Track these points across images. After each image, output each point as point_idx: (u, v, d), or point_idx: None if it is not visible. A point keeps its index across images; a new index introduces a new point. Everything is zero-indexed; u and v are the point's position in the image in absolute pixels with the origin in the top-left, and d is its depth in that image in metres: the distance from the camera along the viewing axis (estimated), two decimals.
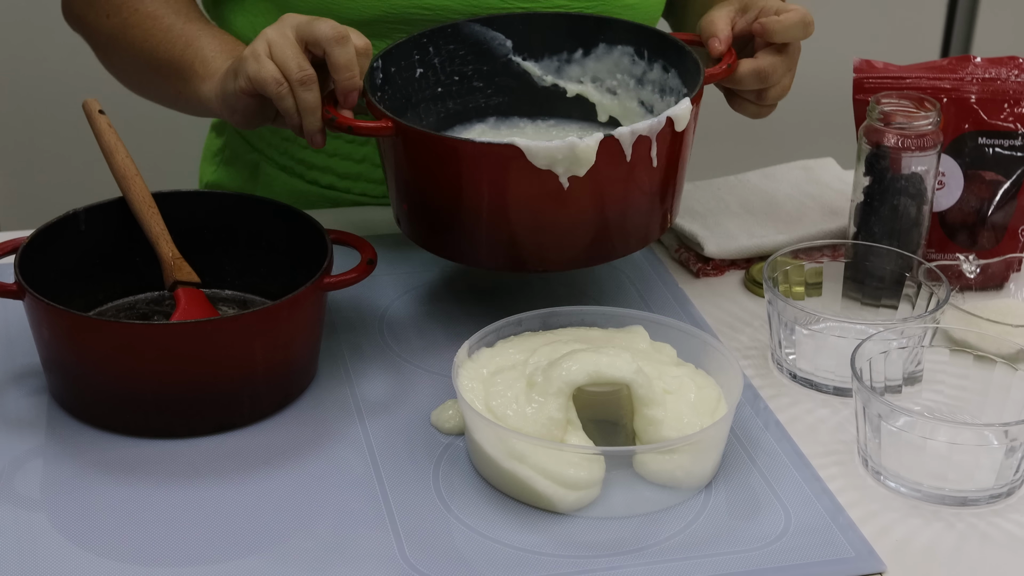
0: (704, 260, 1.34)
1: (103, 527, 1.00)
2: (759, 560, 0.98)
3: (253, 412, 1.10)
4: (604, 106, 1.30)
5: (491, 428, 1.02)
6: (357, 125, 1.14)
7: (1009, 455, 1.03)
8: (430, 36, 1.27)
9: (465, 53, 1.29)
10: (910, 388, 1.12)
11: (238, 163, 1.49)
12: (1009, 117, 1.29)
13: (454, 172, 1.11)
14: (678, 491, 1.02)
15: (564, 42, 1.29)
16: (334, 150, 1.41)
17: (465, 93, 1.30)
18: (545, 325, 1.13)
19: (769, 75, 1.23)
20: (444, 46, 1.28)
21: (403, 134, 1.14)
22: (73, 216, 1.19)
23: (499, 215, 1.13)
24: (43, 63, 2.42)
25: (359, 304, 1.26)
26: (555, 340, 1.10)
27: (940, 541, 1.01)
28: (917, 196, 1.24)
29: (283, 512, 1.02)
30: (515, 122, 1.31)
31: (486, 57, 1.29)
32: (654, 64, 1.26)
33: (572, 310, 1.14)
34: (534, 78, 1.31)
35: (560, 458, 1.00)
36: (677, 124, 1.14)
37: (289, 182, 1.45)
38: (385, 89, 1.23)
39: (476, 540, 0.99)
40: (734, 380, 1.06)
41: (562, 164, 1.10)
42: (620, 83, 1.29)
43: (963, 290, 1.27)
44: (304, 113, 1.13)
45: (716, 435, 1.04)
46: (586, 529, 1.00)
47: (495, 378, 1.06)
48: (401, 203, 1.20)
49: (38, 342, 1.11)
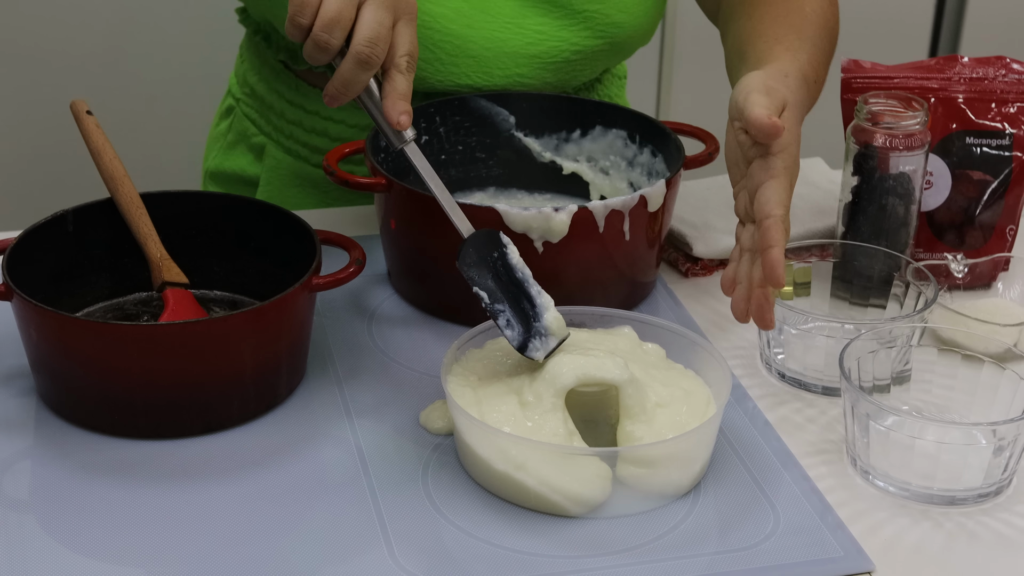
0: (693, 260, 1.34)
1: (92, 528, 1.00)
2: (748, 560, 0.98)
3: (242, 413, 1.10)
4: (596, 185, 1.38)
5: (490, 436, 1.01)
6: (354, 180, 1.21)
7: (997, 454, 1.03)
8: (438, 106, 1.35)
9: (470, 125, 1.37)
10: (898, 388, 1.12)
11: (242, 146, 1.51)
12: (996, 117, 1.29)
13: (439, 229, 1.16)
14: (665, 495, 1.02)
15: (564, 122, 1.38)
16: (338, 134, 1.43)
17: (467, 163, 1.38)
18: None
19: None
20: (451, 117, 1.36)
21: (394, 191, 1.21)
22: (61, 217, 1.18)
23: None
24: (30, 64, 2.42)
25: (348, 305, 1.26)
26: None
27: (928, 540, 1.01)
28: (905, 196, 1.24)
29: (272, 513, 1.01)
30: (513, 193, 1.39)
31: (490, 130, 1.37)
32: (644, 148, 1.34)
33: (560, 310, 1.13)
34: (534, 153, 1.38)
35: (572, 475, 1.00)
36: (650, 203, 1.21)
37: (295, 165, 1.46)
38: (389, 151, 1.30)
39: (465, 540, 0.99)
40: (722, 380, 1.07)
41: (536, 231, 1.17)
42: (612, 164, 1.37)
43: (951, 289, 1.27)
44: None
45: (703, 437, 1.04)
46: (575, 529, 1.00)
47: (487, 389, 1.05)
48: (390, 258, 1.28)
49: (26, 344, 1.11)
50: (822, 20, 1.29)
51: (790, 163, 1.11)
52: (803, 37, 1.25)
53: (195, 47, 2.40)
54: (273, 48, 1.44)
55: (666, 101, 2.73)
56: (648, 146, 1.34)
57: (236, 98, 1.52)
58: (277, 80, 1.46)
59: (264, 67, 1.47)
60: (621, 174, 1.36)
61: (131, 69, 2.45)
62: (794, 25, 1.26)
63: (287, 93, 1.45)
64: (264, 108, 1.48)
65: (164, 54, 2.43)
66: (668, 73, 2.70)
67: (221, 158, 1.53)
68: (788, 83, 1.17)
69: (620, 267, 1.24)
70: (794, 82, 1.18)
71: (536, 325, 1.07)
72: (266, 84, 1.47)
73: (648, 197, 1.20)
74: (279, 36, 1.43)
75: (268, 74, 1.47)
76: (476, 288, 1.07)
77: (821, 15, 1.29)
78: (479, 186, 1.39)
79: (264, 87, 1.47)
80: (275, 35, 1.44)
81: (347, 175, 1.23)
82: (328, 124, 1.43)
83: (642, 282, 1.28)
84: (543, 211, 1.16)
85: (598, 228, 1.19)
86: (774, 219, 1.08)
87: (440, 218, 1.18)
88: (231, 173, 1.52)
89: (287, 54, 1.43)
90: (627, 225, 1.20)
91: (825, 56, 1.27)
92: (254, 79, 1.48)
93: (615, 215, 1.19)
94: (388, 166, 1.28)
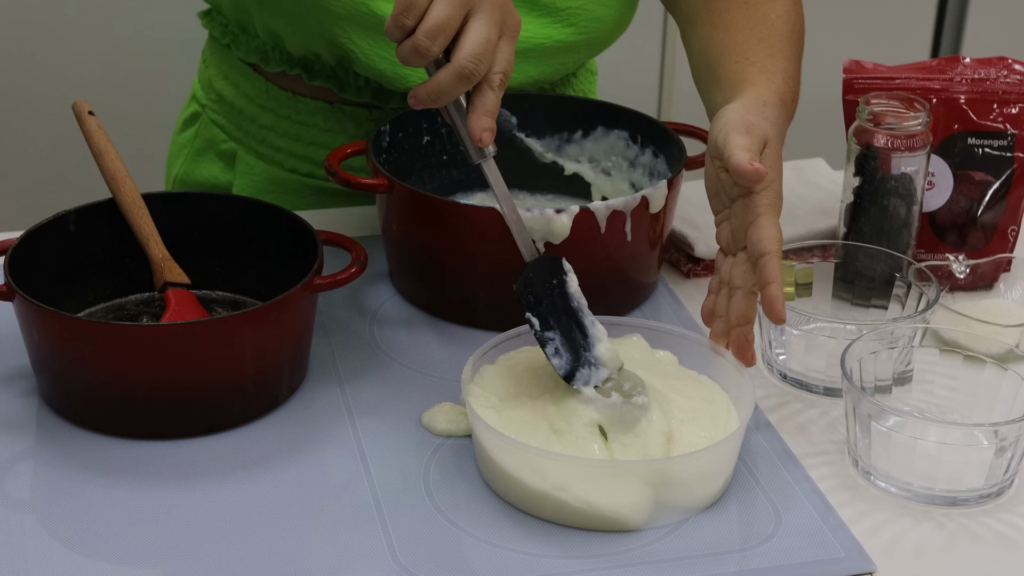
0: (694, 261, 1.34)
1: (93, 529, 1.00)
2: (749, 560, 0.98)
3: (244, 413, 1.10)
4: (598, 186, 1.38)
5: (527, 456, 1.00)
6: (356, 181, 1.21)
7: (999, 455, 1.03)
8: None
9: None
10: (900, 388, 1.12)
11: (211, 153, 1.48)
12: (998, 117, 1.29)
13: (439, 231, 1.17)
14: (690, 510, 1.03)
15: (565, 123, 1.38)
16: (312, 138, 1.41)
17: (469, 163, 1.34)
18: None
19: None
20: None
21: (396, 193, 1.21)
22: (63, 217, 1.18)
23: (478, 274, 1.18)
24: (32, 64, 2.42)
25: (349, 305, 1.26)
26: None
27: (930, 541, 1.01)
28: (907, 196, 1.24)
29: (273, 513, 1.01)
30: (515, 194, 1.39)
31: None
32: (646, 149, 1.34)
33: None
34: (536, 154, 1.38)
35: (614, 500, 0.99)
36: (652, 204, 1.21)
37: (268, 170, 1.44)
38: (391, 152, 1.30)
39: (467, 541, 0.99)
40: (745, 393, 1.06)
41: (538, 232, 1.17)
42: (614, 165, 1.37)
43: (953, 290, 1.27)
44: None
45: (730, 449, 1.03)
46: (578, 530, 1.00)
47: (512, 413, 1.05)
48: (392, 258, 1.28)
49: (28, 344, 1.11)
50: (789, 27, 1.27)
51: (774, 199, 1.11)
52: (774, 52, 1.23)
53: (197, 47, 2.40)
54: (242, 50, 1.41)
55: (668, 102, 2.73)
56: (650, 147, 1.34)
57: (202, 104, 1.48)
58: (246, 84, 1.42)
59: (232, 71, 1.43)
60: (623, 175, 1.37)
61: (133, 69, 2.46)
62: (763, 39, 1.25)
63: (257, 97, 1.42)
64: (233, 113, 1.44)
65: (167, 54, 2.44)
66: (670, 74, 2.71)
67: (189, 166, 1.50)
68: (767, 113, 1.16)
69: (622, 268, 1.24)
70: (772, 110, 1.17)
71: (586, 355, 1.06)
72: (234, 88, 1.43)
73: (650, 198, 1.20)
74: (249, 38, 1.40)
75: (236, 78, 1.43)
76: (529, 314, 1.07)
77: (788, 21, 1.27)
78: (481, 187, 1.39)
79: (232, 92, 1.44)
80: (244, 37, 1.40)
81: (349, 176, 1.23)
82: (301, 128, 1.41)
83: (644, 283, 1.28)
84: (545, 213, 1.16)
85: (600, 229, 1.19)
86: (769, 256, 1.08)
87: (442, 218, 1.19)
88: (202, 182, 1.48)
89: (258, 56, 1.39)
90: (629, 226, 1.20)
91: (797, 66, 1.25)
92: (221, 84, 1.45)
93: (617, 216, 1.19)
94: (389, 167, 1.28)
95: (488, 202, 1.37)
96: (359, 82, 1.37)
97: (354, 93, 1.38)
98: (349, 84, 1.37)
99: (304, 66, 1.37)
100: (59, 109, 1.70)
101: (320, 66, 1.37)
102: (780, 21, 1.27)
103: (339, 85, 1.37)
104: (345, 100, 1.39)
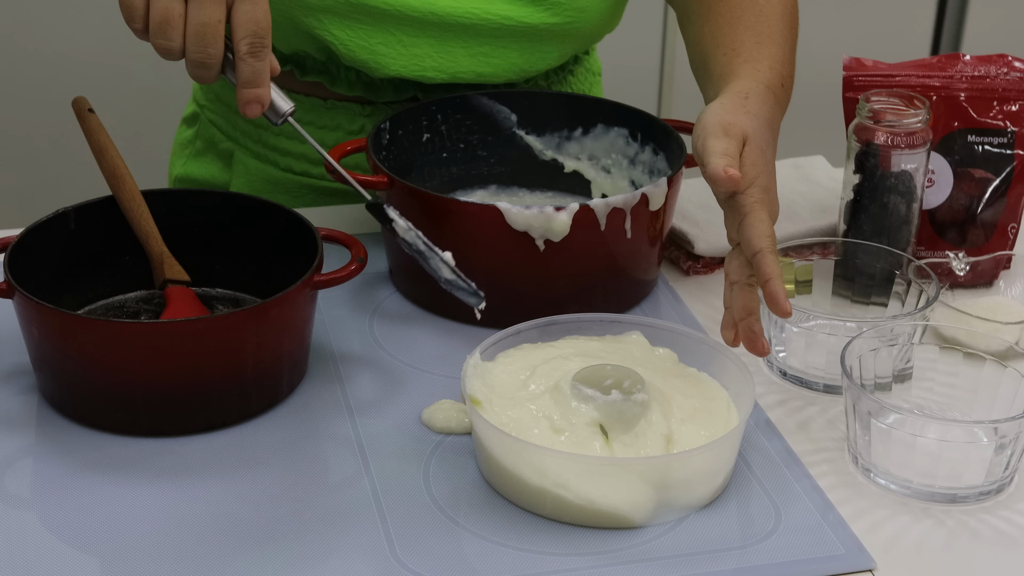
0: (694, 258, 1.34)
1: (93, 526, 1.00)
2: (749, 558, 0.98)
3: (243, 410, 1.10)
4: (598, 183, 1.38)
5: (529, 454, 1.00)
6: (356, 178, 1.20)
7: (998, 452, 1.03)
8: (439, 104, 1.35)
9: (472, 123, 1.37)
10: (900, 385, 1.12)
11: (211, 153, 1.49)
12: (998, 115, 1.29)
13: (439, 228, 1.17)
14: (690, 508, 1.03)
15: (565, 120, 1.38)
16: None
17: (469, 160, 1.39)
18: (543, 335, 1.13)
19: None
20: (452, 115, 1.36)
21: (396, 190, 1.22)
22: (63, 215, 1.18)
23: (478, 271, 1.17)
24: (33, 61, 2.42)
25: (349, 302, 1.26)
26: (556, 355, 1.09)
27: (930, 538, 1.01)
28: (907, 194, 1.24)
29: (273, 511, 1.01)
30: (515, 191, 1.39)
31: (491, 128, 1.38)
32: (645, 147, 1.34)
33: (570, 318, 1.14)
34: (535, 151, 1.39)
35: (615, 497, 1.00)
36: (652, 201, 1.21)
37: (264, 170, 1.44)
38: (391, 149, 1.31)
39: (466, 538, 0.99)
40: (745, 390, 1.06)
41: (538, 230, 1.17)
42: (614, 162, 1.37)
43: (953, 287, 1.27)
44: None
45: (730, 447, 1.03)
46: (578, 526, 1.00)
47: (511, 412, 1.05)
48: (392, 256, 1.28)
49: (28, 341, 1.11)
50: (779, 11, 1.26)
51: (760, 195, 1.10)
52: (762, 39, 1.23)
53: None
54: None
55: (668, 99, 2.73)
56: (650, 144, 1.34)
57: (200, 104, 1.49)
58: None
59: None
60: (623, 172, 1.37)
61: (133, 66, 2.46)
62: (751, 26, 1.24)
63: None
64: (230, 113, 1.45)
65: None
66: (670, 71, 2.71)
67: (190, 166, 1.50)
68: (748, 106, 1.15)
69: (621, 265, 1.24)
70: (755, 102, 1.16)
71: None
72: (230, 87, 1.43)
73: (650, 195, 1.20)
74: None
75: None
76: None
77: (778, 6, 1.27)
78: (481, 184, 1.39)
79: (228, 90, 1.44)
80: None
81: (349, 173, 1.22)
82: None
83: (643, 280, 1.28)
84: (544, 211, 1.16)
85: (600, 226, 1.19)
86: (762, 253, 1.08)
87: (442, 216, 1.19)
88: (201, 180, 1.49)
89: None
90: (629, 223, 1.20)
91: (788, 49, 1.25)
92: (217, 83, 1.45)
93: (617, 213, 1.19)
94: (389, 164, 1.28)
95: (489, 199, 1.37)
96: (350, 76, 1.37)
97: (345, 87, 1.38)
98: (340, 78, 1.37)
99: (296, 62, 1.38)
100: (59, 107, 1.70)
101: (312, 62, 1.37)
102: (770, 6, 1.26)
103: (330, 80, 1.37)
104: (338, 96, 1.39)
